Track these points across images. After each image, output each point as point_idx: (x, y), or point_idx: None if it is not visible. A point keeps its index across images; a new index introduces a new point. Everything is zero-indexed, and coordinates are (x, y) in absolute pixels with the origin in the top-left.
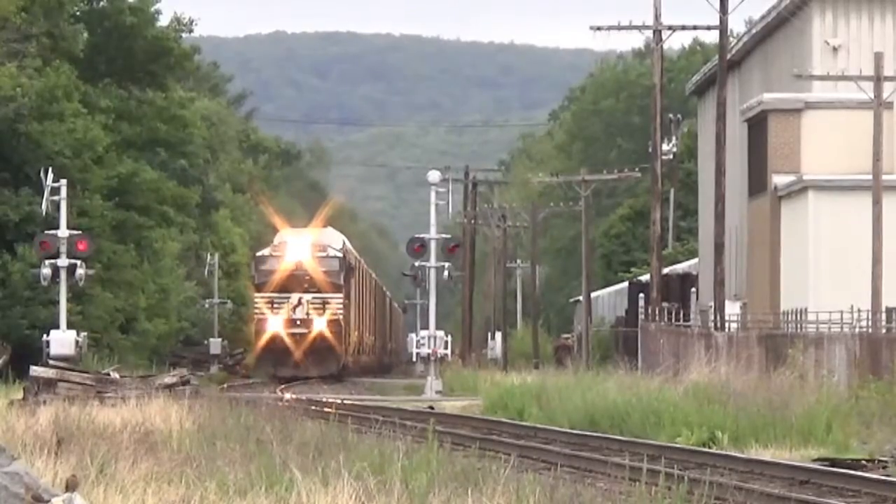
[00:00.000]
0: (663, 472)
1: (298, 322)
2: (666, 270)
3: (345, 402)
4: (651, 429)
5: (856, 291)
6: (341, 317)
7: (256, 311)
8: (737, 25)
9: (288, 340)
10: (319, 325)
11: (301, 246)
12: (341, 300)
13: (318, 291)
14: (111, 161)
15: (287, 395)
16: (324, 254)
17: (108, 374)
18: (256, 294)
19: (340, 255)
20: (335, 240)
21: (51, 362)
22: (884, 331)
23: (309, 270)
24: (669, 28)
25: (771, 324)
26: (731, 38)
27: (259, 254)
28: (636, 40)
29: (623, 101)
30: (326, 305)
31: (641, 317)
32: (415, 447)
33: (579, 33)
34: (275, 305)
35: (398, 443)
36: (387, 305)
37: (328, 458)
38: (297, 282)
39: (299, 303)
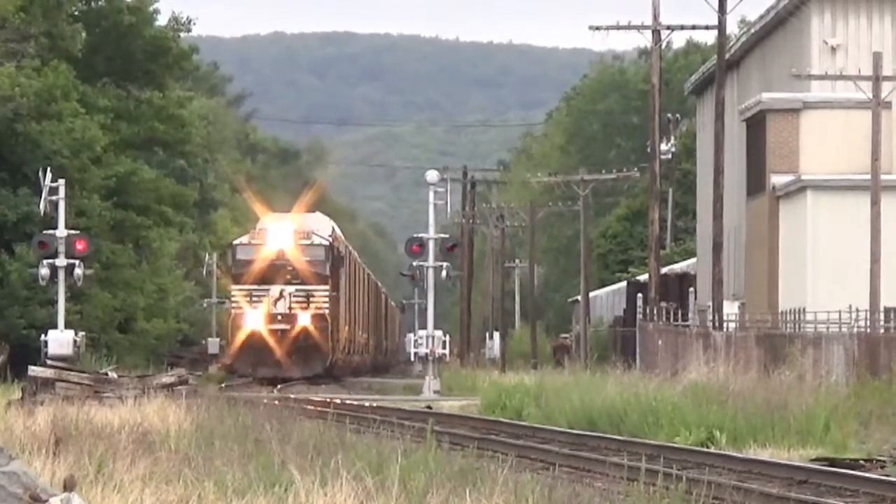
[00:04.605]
0: (661, 472)
1: (280, 317)
2: (664, 270)
3: (345, 402)
4: (649, 428)
5: (854, 291)
6: (327, 311)
7: (234, 304)
8: (731, 26)
9: (268, 337)
10: (303, 320)
11: (283, 233)
12: (328, 293)
13: (302, 283)
14: (109, 161)
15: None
16: (308, 241)
17: (107, 374)
18: (234, 286)
19: (327, 242)
20: (322, 226)
21: (49, 362)
22: (882, 330)
23: (291, 260)
24: (668, 28)
25: (769, 323)
26: (728, 38)
27: (236, 242)
28: (639, 40)
29: (621, 100)
30: (311, 299)
31: (640, 316)
32: (413, 447)
33: (578, 33)
34: (254, 299)
35: (396, 443)
36: (382, 301)
37: (327, 458)
38: (278, 272)
39: (281, 296)
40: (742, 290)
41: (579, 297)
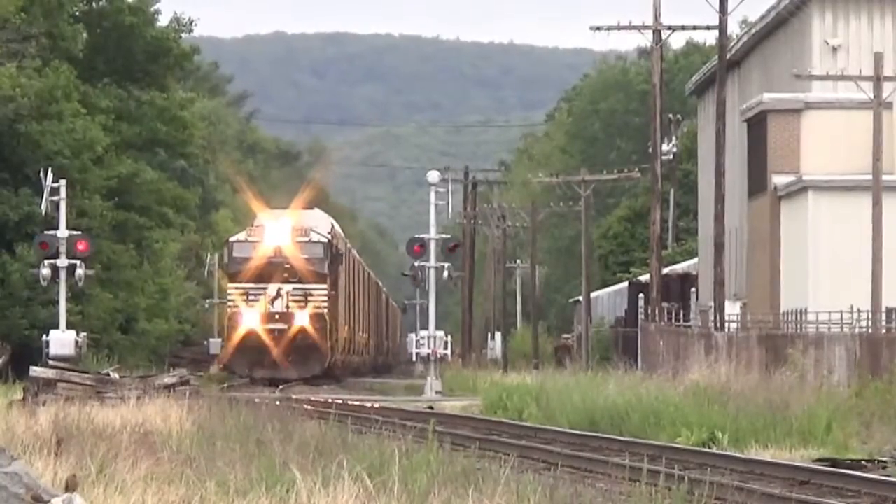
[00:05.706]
0: (663, 473)
1: (277, 316)
2: (666, 271)
3: (346, 402)
4: (651, 429)
5: (856, 291)
6: (326, 311)
7: (230, 303)
8: (732, 26)
9: (265, 337)
10: (301, 319)
11: (280, 230)
12: (326, 292)
13: (300, 281)
14: (111, 161)
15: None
16: (306, 239)
17: (108, 375)
18: (230, 284)
19: (325, 239)
20: (321, 223)
21: (50, 363)
22: (884, 331)
23: (289, 257)
24: (669, 28)
25: (771, 324)
26: (729, 39)
27: (233, 239)
28: (640, 39)
29: (622, 101)
30: (309, 297)
31: (641, 317)
32: (415, 447)
33: (579, 33)
34: (250, 297)
35: (398, 443)
36: (382, 301)
37: (328, 459)
38: (275, 271)
39: (278, 294)
40: (743, 291)
41: (581, 298)
